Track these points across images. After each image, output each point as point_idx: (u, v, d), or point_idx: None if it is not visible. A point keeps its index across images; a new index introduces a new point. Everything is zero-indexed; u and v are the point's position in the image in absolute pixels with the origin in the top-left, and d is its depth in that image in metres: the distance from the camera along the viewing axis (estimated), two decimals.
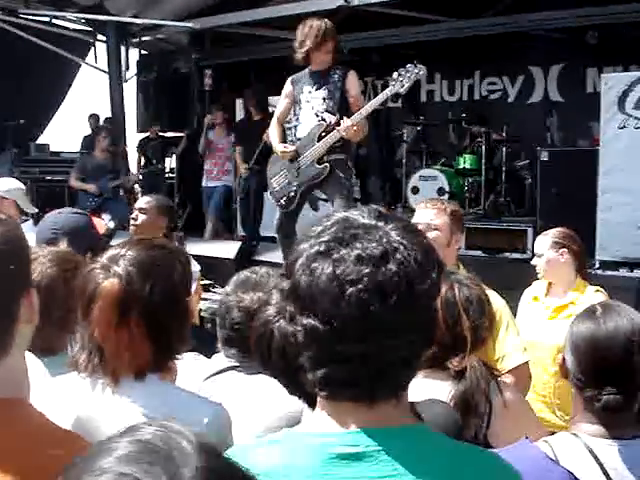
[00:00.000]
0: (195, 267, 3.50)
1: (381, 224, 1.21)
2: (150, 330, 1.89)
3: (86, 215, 3.84)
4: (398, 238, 1.19)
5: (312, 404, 1.27)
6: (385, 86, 11.03)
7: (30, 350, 2.20)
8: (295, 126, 5.78)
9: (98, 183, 9.44)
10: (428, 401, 1.83)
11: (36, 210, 5.84)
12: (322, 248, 1.18)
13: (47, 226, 3.55)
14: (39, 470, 1.25)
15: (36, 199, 10.37)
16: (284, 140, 5.84)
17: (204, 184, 10.45)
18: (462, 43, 9.88)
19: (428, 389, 2.05)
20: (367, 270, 1.14)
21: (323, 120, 5.53)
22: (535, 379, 3.46)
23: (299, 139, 5.65)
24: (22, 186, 5.82)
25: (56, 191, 10.75)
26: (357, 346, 1.16)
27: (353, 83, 5.67)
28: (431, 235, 3.30)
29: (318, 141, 5.49)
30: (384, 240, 1.18)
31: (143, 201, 5.11)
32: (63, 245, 2.73)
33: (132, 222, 4.90)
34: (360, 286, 1.13)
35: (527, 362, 3.27)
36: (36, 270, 2.32)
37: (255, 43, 11.19)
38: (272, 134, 5.88)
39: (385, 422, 1.20)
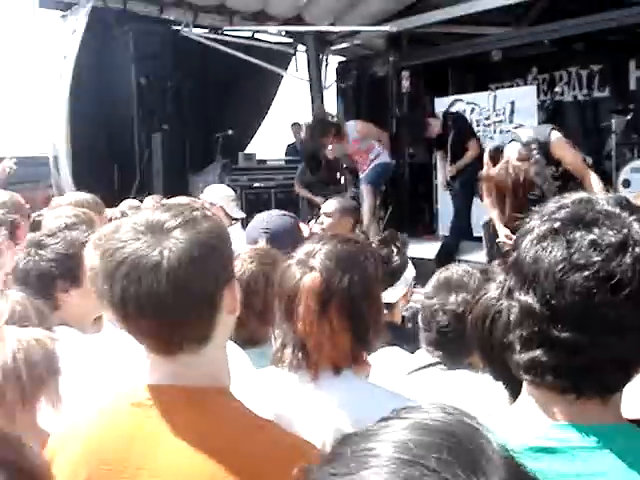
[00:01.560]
0: (411, 272, 3.51)
1: (625, 214, 1.13)
2: (349, 322, 1.92)
3: (293, 218, 3.97)
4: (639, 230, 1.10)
5: (514, 394, 1.22)
6: (590, 76, 10.67)
7: (235, 342, 2.33)
8: None
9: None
10: None
11: (244, 215, 6.11)
12: (556, 225, 1.12)
13: (256, 225, 3.71)
14: (245, 454, 1.29)
15: (245, 205, 10.86)
16: None
17: None
18: None
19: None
20: (599, 258, 1.07)
21: None
22: None
23: None
24: (230, 192, 6.11)
25: (263, 197, 11.19)
26: (571, 335, 1.09)
27: None
28: None
29: None
30: (624, 230, 1.10)
31: (328, 205, 5.33)
32: (262, 243, 2.87)
33: (320, 226, 5.11)
34: (587, 273, 1.07)
35: None
36: (237, 266, 2.43)
37: (451, 42, 11.07)
38: None
39: (590, 419, 1.13)
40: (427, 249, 8.69)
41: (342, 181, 10.42)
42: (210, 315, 1.41)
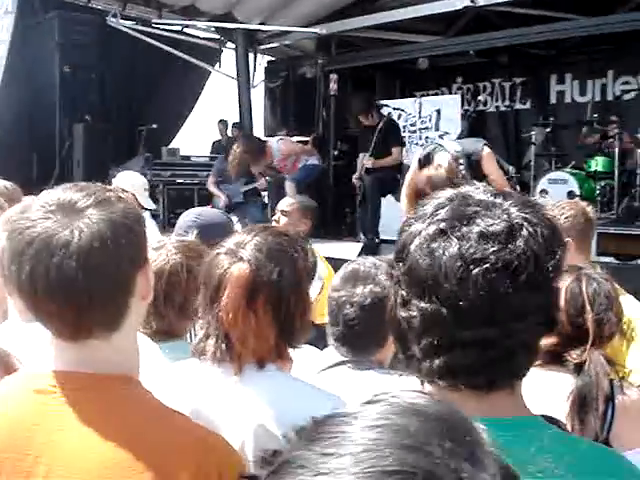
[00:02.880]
0: (322, 270, 3.49)
1: (499, 200, 1.13)
2: (276, 316, 1.89)
3: (228, 217, 3.95)
4: (521, 214, 1.11)
5: None
6: (513, 88, 10.92)
7: (151, 334, 2.29)
8: None
9: (230, 190, 9.70)
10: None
11: (154, 206, 6.00)
12: (441, 226, 1.10)
13: (188, 217, 3.70)
14: (150, 443, 1.26)
15: (167, 201, 10.73)
16: None
17: None
18: (594, 41, 9.52)
19: (548, 382, 1.95)
20: (493, 248, 1.07)
21: None
22: None
23: None
24: (143, 181, 5.98)
25: (185, 193, 11.07)
26: (482, 330, 1.09)
27: None
28: None
29: None
30: (505, 216, 1.10)
31: (285, 203, 5.05)
32: (191, 235, 2.82)
33: (274, 224, 4.85)
34: (487, 265, 1.06)
35: None
36: (161, 256, 2.39)
37: (380, 47, 11.18)
38: None
39: (497, 412, 1.13)
40: (349, 250, 8.73)
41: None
42: (122, 299, 1.37)
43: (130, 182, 5.74)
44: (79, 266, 1.28)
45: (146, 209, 5.74)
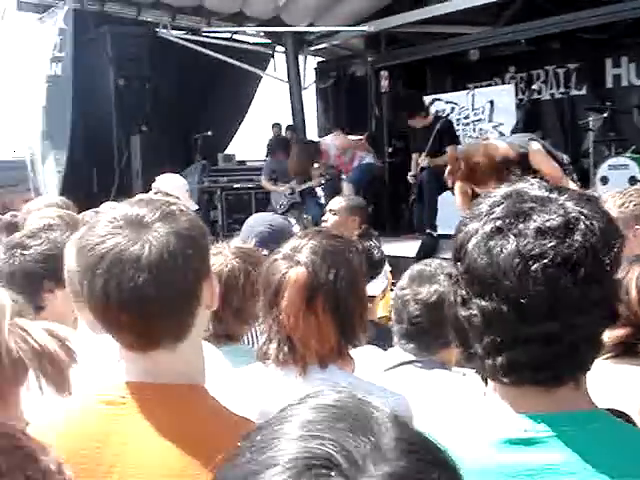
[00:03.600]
0: (387, 267, 3.52)
1: (554, 195, 1.14)
2: (335, 316, 1.92)
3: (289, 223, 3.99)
4: (577, 208, 1.11)
5: None
6: (567, 74, 10.73)
7: (209, 338, 2.34)
8: None
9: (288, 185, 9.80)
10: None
11: (197, 207, 6.02)
12: (498, 224, 1.11)
13: (252, 226, 3.73)
14: (219, 452, 1.28)
15: (225, 206, 10.84)
16: None
17: None
18: None
19: (621, 375, 1.93)
20: (551, 243, 1.07)
21: None
22: None
23: None
24: (184, 182, 6.01)
25: (243, 198, 11.17)
26: (544, 325, 1.09)
27: None
28: None
29: None
30: (562, 211, 1.10)
31: (335, 202, 5.14)
32: (251, 244, 2.88)
33: (323, 223, 4.99)
34: (546, 260, 1.07)
35: None
36: (219, 260, 2.44)
37: (429, 41, 11.12)
38: None
39: (562, 406, 1.13)
40: (407, 247, 8.71)
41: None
42: (190, 309, 1.41)
43: (171, 185, 5.77)
44: (150, 279, 1.33)
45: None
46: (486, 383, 1.21)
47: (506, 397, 1.16)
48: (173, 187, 5.72)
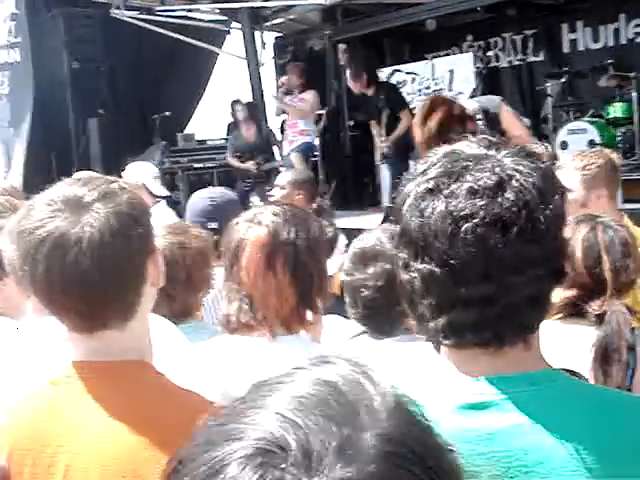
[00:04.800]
0: (343, 241, 3.52)
1: (492, 152, 1.11)
2: (294, 278, 1.95)
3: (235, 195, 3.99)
4: (513, 165, 1.09)
5: None
6: (524, 41, 10.75)
7: (168, 316, 2.32)
8: None
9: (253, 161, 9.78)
10: None
11: (168, 193, 5.96)
12: (430, 185, 1.09)
13: (198, 200, 3.72)
14: (167, 427, 1.26)
15: (187, 187, 10.75)
16: None
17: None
18: None
19: (569, 335, 1.93)
20: (482, 202, 1.05)
21: None
22: None
23: None
24: (153, 169, 5.90)
25: (205, 177, 11.08)
26: (480, 287, 1.07)
27: None
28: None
29: None
30: (497, 169, 1.08)
31: (282, 176, 5.25)
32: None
33: (271, 198, 5.08)
34: (476, 220, 1.04)
35: None
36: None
37: (386, 12, 11.05)
38: None
39: (514, 368, 1.11)
40: (372, 220, 8.71)
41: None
42: (136, 288, 1.40)
43: (139, 172, 5.69)
44: (93, 261, 1.30)
45: (159, 197, 5.69)
46: (438, 350, 1.20)
47: (457, 361, 1.15)
48: (140, 175, 5.62)
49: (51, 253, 1.30)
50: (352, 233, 5.22)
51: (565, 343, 1.86)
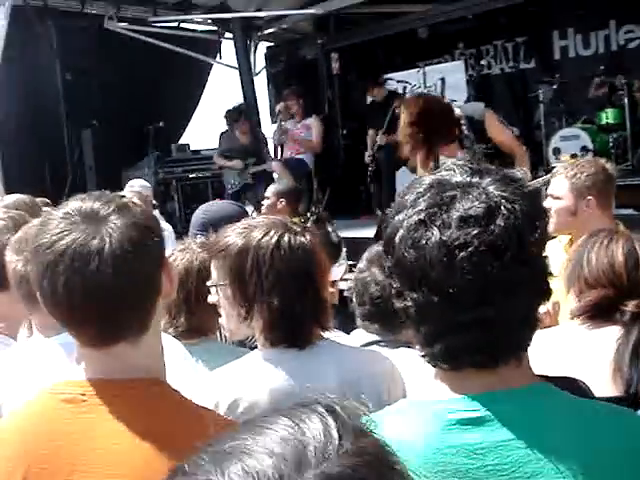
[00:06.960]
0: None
1: (476, 180, 1.15)
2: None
3: (240, 206, 4.03)
4: (498, 192, 1.12)
5: None
6: (516, 48, 10.80)
7: (181, 333, 2.35)
8: None
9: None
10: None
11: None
12: (422, 216, 1.12)
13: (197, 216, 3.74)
14: (183, 446, 1.28)
15: (181, 197, 10.77)
16: None
17: None
18: None
19: (600, 337, 1.98)
20: (475, 231, 1.09)
21: None
22: None
23: None
24: (140, 185, 6.34)
25: (199, 187, 11.10)
26: (477, 312, 1.11)
27: None
28: (554, 205, 3.32)
29: None
30: (484, 197, 1.12)
31: (269, 187, 5.69)
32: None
33: (262, 208, 5.49)
34: (471, 249, 1.08)
35: None
36: (187, 255, 2.54)
37: (378, 21, 11.10)
38: None
39: (506, 384, 1.15)
40: (367, 228, 8.73)
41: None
42: (152, 299, 1.42)
43: (140, 186, 5.96)
44: (114, 271, 1.32)
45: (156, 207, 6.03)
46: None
47: (451, 379, 1.18)
48: (143, 187, 6.01)
49: (72, 265, 1.31)
50: (346, 241, 5.29)
51: (592, 343, 1.92)
